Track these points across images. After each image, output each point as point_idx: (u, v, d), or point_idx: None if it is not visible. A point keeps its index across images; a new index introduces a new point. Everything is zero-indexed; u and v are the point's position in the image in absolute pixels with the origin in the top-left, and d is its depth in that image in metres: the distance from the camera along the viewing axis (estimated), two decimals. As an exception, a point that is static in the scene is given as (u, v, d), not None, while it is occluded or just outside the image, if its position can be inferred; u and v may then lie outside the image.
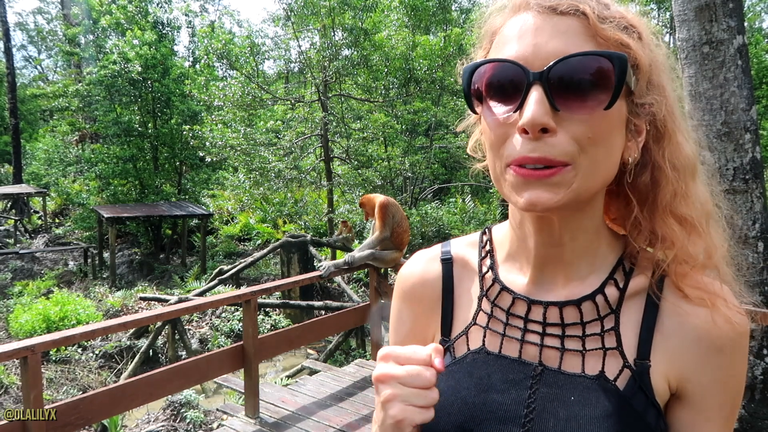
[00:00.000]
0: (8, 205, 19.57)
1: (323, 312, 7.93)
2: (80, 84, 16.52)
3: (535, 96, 0.59)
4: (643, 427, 0.64)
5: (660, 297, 0.68)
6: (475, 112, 0.68)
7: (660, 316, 0.68)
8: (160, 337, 8.24)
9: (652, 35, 0.67)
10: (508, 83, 0.62)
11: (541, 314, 0.70)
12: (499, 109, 0.63)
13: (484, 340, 0.73)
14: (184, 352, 8.15)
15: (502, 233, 0.78)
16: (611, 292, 0.69)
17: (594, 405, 0.65)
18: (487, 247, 0.78)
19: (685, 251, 0.67)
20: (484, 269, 0.77)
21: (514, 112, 0.61)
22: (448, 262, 0.80)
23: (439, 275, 0.80)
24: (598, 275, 0.70)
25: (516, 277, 0.74)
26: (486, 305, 0.75)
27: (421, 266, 0.82)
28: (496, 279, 0.75)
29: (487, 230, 0.81)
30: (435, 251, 0.83)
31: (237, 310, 9.16)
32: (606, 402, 0.65)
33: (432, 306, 0.80)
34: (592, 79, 0.59)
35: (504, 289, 0.73)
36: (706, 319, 0.66)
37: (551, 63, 0.59)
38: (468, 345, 0.74)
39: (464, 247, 0.81)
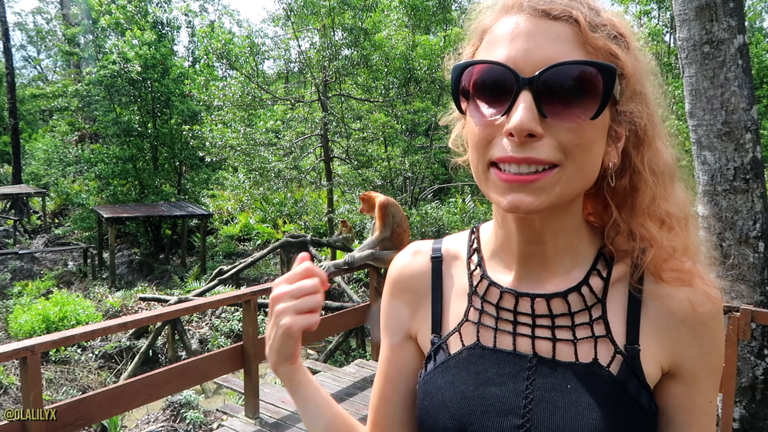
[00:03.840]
0: (7, 206, 19.55)
1: (323, 312, 7.90)
2: (80, 84, 16.53)
3: (524, 102, 0.60)
4: (637, 409, 0.66)
5: (641, 285, 0.70)
6: (461, 111, 0.69)
7: (644, 301, 0.70)
8: (159, 338, 8.23)
9: (638, 41, 0.68)
10: (498, 86, 0.63)
11: (529, 306, 0.71)
12: (486, 110, 0.64)
13: (477, 336, 0.74)
14: (184, 353, 8.14)
15: (488, 231, 0.80)
16: (595, 282, 0.71)
17: (590, 391, 0.66)
18: (475, 245, 0.80)
19: (663, 249, 0.69)
20: (472, 266, 0.78)
21: (502, 115, 0.62)
22: (437, 260, 0.82)
23: (428, 270, 0.82)
24: (581, 268, 0.72)
25: (502, 273, 0.75)
26: (476, 301, 0.76)
27: (410, 259, 0.84)
28: (484, 275, 0.76)
29: (475, 229, 0.83)
30: (426, 246, 0.84)
31: (237, 310, 9.15)
32: (601, 387, 0.67)
33: (419, 300, 0.81)
34: (580, 88, 0.61)
35: (492, 284, 0.75)
36: (687, 298, 0.69)
37: (541, 70, 0.60)
38: (462, 341, 0.75)
39: (455, 244, 0.83)
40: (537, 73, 0.60)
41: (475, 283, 0.77)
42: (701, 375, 0.70)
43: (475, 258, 0.79)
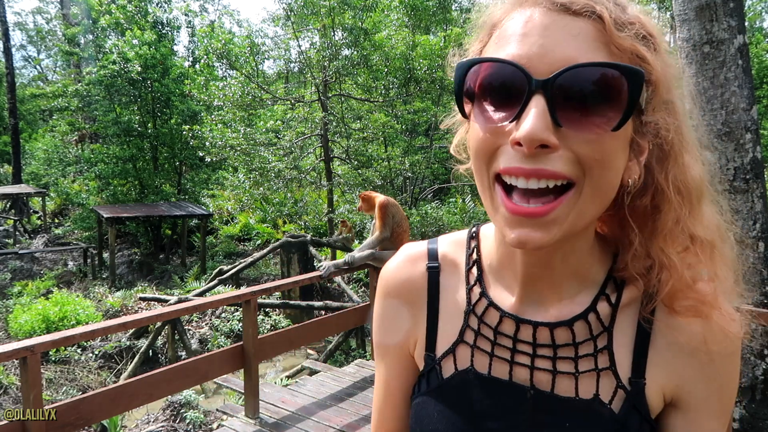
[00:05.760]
0: (8, 206, 19.54)
1: (323, 312, 7.92)
2: (80, 84, 16.54)
3: (536, 107, 0.53)
4: None
5: (652, 314, 0.64)
6: (464, 114, 0.61)
7: (654, 330, 0.65)
8: (159, 338, 8.23)
9: (665, 43, 0.61)
10: (507, 88, 0.55)
11: (531, 335, 0.66)
12: (493, 114, 0.57)
13: (472, 360, 0.69)
14: (183, 353, 8.14)
15: (489, 239, 0.72)
16: (603, 308, 0.65)
17: (589, 431, 0.63)
18: (474, 255, 0.73)
19: (681, 279, 0.62)
20: (472, 281, 0.71)
21: (511, 121, 0.55)
22: (434, 270, 0.74)
23: (425, 278, 0.75)
24: (589, 292, 0.66)
25: (504, 293, 0.69)
26: (473, 321, 0.70)
27: (404, 266, 0.77)
28: (483, 293, 0.70)
29: (474, 233, 0.75)
30: (421, 250, 0.77)
31: (237, 310, 9.15)
32: (601, 427, 0.62)
33: (414, 312, 0.75)
34: (602, 94, 0.53)
35: (491, 305, 0.69)
36: (700, 332, 0.63)
37: (558, 71, 0.53)
38: (455, 364, 0.70)
39: (453, 250, 0.75)
40: (552, 74, 0.53)
41: (473, 301, 0.70)
42: (705, 412, 0.65)
43: (474, 271, 0.71)
